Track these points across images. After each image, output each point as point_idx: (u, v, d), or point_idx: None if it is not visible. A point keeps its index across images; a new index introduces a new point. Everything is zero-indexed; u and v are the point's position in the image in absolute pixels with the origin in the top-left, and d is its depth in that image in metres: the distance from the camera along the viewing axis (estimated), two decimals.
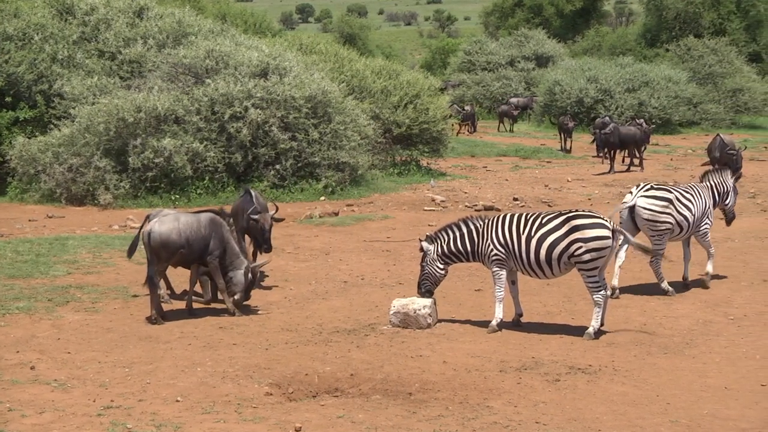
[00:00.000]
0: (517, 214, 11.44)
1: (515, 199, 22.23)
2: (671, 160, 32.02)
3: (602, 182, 26.03)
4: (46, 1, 27.39)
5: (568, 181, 26.25)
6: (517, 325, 11.45)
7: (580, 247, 10.81)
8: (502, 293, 11.29)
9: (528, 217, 11.28)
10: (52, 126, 23.03)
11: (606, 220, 10.99)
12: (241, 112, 22.28)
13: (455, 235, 11.46)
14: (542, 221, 11.14)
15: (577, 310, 12.11)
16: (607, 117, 32.98)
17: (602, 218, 11.03)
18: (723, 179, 14.04)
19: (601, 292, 10.95)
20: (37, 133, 23.30)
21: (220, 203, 19.59)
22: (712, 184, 13.93)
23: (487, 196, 23.06)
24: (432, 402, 8.84)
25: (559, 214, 11.19)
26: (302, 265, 15.22)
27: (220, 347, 10.59)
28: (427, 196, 22.76)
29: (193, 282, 12.29)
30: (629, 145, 28.97)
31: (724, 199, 14.11)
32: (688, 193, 13.36)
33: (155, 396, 8.94)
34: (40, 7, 26.71)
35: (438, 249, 11.50)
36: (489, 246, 11.25)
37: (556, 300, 12.72)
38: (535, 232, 11.08)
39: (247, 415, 8.43)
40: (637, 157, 29.33)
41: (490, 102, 49.39)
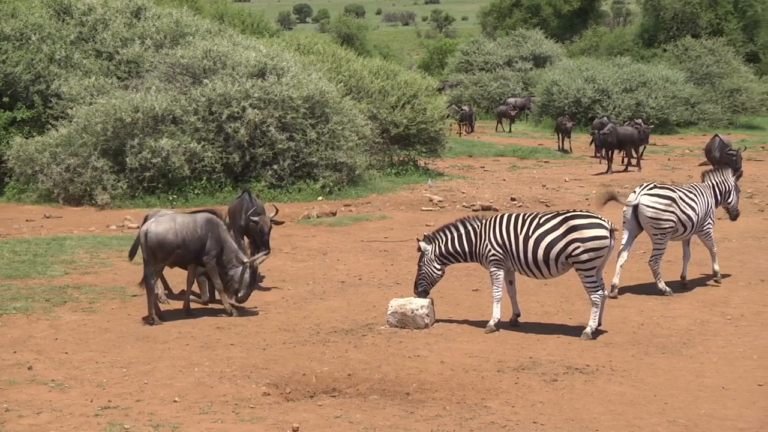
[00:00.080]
0: (515, 215, 11.44)
1: (513, 199, 22.22)
2: (669, 160, 32.05)
3: (600, 182, 26.01)
4: (44, 1, 27.37)
5: (566, 181, 26.27)
6: (514, 325, 11.45)
7: (578, 247, 10.81)
8: (500, 293, 11.29)
9: (526, 218, 11.28)
10: (50, 126, 23.02)
11: (604, 220, 10.99)
12: (238, 112, 22.28)
13: (453, 236, 11.46)
14: (540, 221, 11.14)
15: (575, 310, 12.11)
16: (605, 117, 33.00)
17: (600, 218, 11.03)
18: (724, 179, 14.06)
19: (599, 292, 10.95)
20: (35, 134, 23.27)
21: (217, 203, 19.60)
22: (714, 183, 13.95)
23: (484, 196, 23.07)
24: (430, 402, 8.84)
25: (557, 214, 11.19)
26: (300, 266, 15.22)
27: (218, 347, 10.59)
28: (425, 196, 22.75)
29: (191, 282, 12.28)
30: (627, 146, 29.01)
31: (727, 198, 14.14)
32: (691, 193, 13.39)
33: (153, 396, 8.93)
34: (38, 7, 26.70)
35: (436, 249, 11.50)
36: (487, 246, 11.25)
37: (553, 300, 12.72)
38: (533, 232, 11.08)
39: (245, 415, 8.43)
40: (634, 158, 29.36)
41: (488, 102, 49.39)
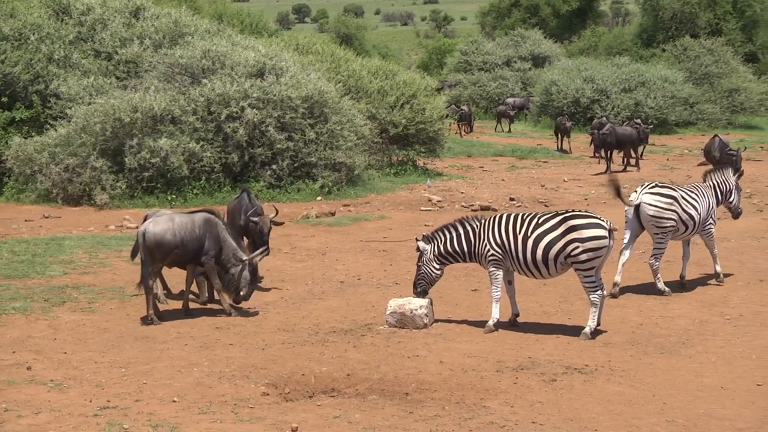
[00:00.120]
0: (514, 214, 11.44)
1: (512, 199, 22.23)
2: (667, 160, 32.06)
3: (599, 182, 26.01)
4: (43, 1, 27.36)
5: (565, 181, 26.28)
6: (513, 325, 11.46)
7: (577, 247, 10.81)
8: (499, 293, 11.29)
9: (525, 217, 11.28)
10: (49, 126, 23.02)
11: (603, 220, 10.99)
12: (237, 112, 22.28)
13: (452, 236, 11.46)
14: (539, 221, 11.14)
15: (574, 310, 12.11)
16: (604, 117, 33.01)
17: (599, 218, 11.03)
18: (725, 178, 14.07)
19: (598, 292, 10.95)
20: (34, 134, 23.27)
21: (216, 203, 19.58)
22: (715, 183, 13.97)
23: (483, 196, 23.07)
24: (429, 402, 8.84)
25: (556, 214, 11.19)
26: (299, 266, 15.22)
27: (217, 347, 10.59)
28: (424, 197, 22.75)
29: (190, 282, 12.28)
30: (626, 146, 29.02)
31: (728, 198, 14.16)
32: (693, 193, 13.41)
33: (152, 396, 8.93)
34: (37, 7, 26.69)
35: (435, 249, 11.50)
36: (486, 246, 11.25)
37: (552, 300, 12.72)
38: (532, 232, 11.08)
39: (244, 416, 8.43)
40: (633, 157, 29.38)
41: (487, 102, 49.41)
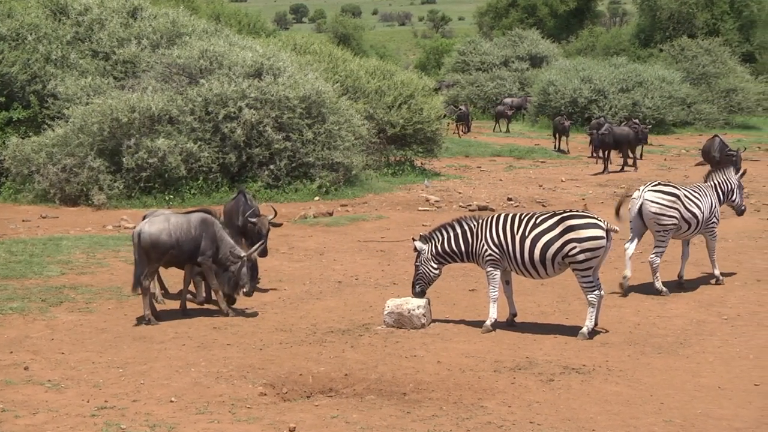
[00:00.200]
0: (512, 214, 11.44)
1: (509, 199, 22.24)
2: (665, 160, 32.08)
3: (596, 182, 26.06)
4: (40, 2, 27.31)
5: (562, 181, 26.29)
6: (511, 325, 11.46)
7: (575, 247, 10.81)
8: (497, 293, 11.29)
9: (522, 217, 11.29)
10: (46, 126, 22.99)
11: (600, 220, 10.99)
12: (235, 113, 22.27)
13: (449, 235, 11.45)
14: (536, 221, 11.14)
15: (571, 310, 12.12)
16: (603, 118, 33.03)
17: (596, 218, 11.04)
18: (727, 178, 14.09)
19: (596, 292, 10.95)
20: (31, 134, 23.24)
21: (214, 203, 19.55)
22: (716, 183, 13.98)
23: (481, 196, 23.08)
24: (426, 402, 8.84)
25: (554, 214, 11.19)
26: (296, 266, 15.22)
27: (215, 347, 10.58)
28: (422, 197, 22.76)
29: (188, 282, 12.27)
30: (623, 146, 29.05)
31: (730, 197, 14.18)
32: (696, 192, 13.45)
33: (149, 396, 8.93)
34: (34, 8, 26.64)
35: (432, 249, 11.50)
36: (483, 246, 11.25)
37: (550, 300, 12.73)
38: (530, 232, 11.09)
39: (242, 416, 8.43)
40: (630, 158, 29.40)
41: (485, 102, 49.42)
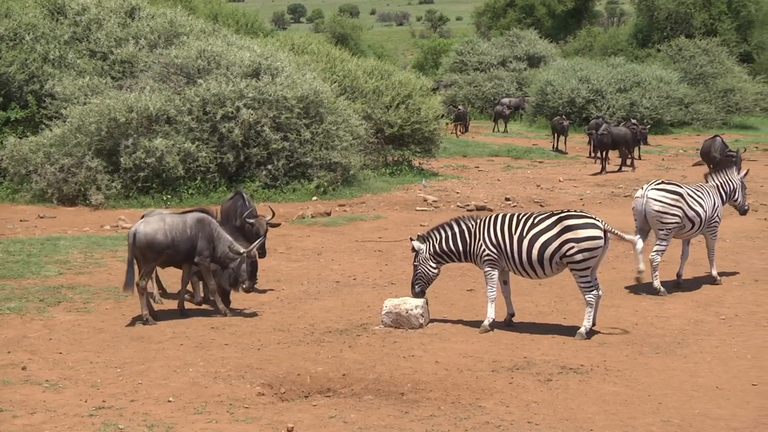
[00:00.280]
0: (509, 214, 11.44)
1: (507, 199, 22.25)
2: (663, 160, 32.11)
3: (594, 182, 26.08)
4: (38, 1, 27.29)
5: (560, 181, 26.30)
6: (509, 325, 11.46)
7: (572, 247, 10.82)
8: (494, 293, 11.29)
9: (520, 217, 11.29)
10: (44, 126, 22.97)
11: (598, 221, 11.00)
12: (233, 112, 22.26)
13: (447, 235, 11.46)
14: (534, 221, 11.15)
15: (569, 310, 12.12)
16: (601, 118, 33.05)
17: (594, 218, 11.04)
18: (729, 178, 14.10)
19: (593, 292, 10.95)
20: (29, 134, 23.23)
21: (212, 203, 19.54)
22: (718, 183, 13.99)
23: (479, 196, 23.08)
24: (424, 402, 8.84)
25: (551, 214, 11.19)
26: (294, 266, 15.21)
27: (212, 347, 10.58)
28: (419, 196, 22.76)
29: (185, 282, 12.26)
30: (620, 146, 29.08)
31: (732, 197, 14.20)
32: (698, 192, 13.48)
33: (147, 396, 8.92)
34: (32, 7, 26.62)
35: (430, 248, 11.50)
36: (481, 246, 11.26)
37: (547, 300, 12.73)
38: (527, 232, 11.09)
39: (239, 416, 8.43)
40: (628, 158, 29.42)
41: (482, 102, 49.44)
